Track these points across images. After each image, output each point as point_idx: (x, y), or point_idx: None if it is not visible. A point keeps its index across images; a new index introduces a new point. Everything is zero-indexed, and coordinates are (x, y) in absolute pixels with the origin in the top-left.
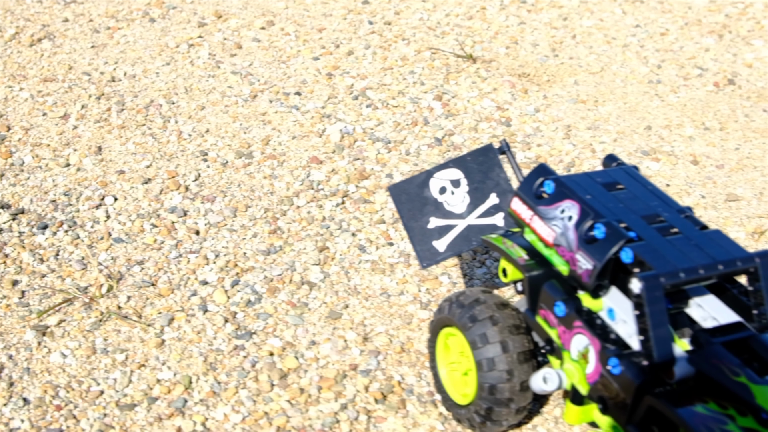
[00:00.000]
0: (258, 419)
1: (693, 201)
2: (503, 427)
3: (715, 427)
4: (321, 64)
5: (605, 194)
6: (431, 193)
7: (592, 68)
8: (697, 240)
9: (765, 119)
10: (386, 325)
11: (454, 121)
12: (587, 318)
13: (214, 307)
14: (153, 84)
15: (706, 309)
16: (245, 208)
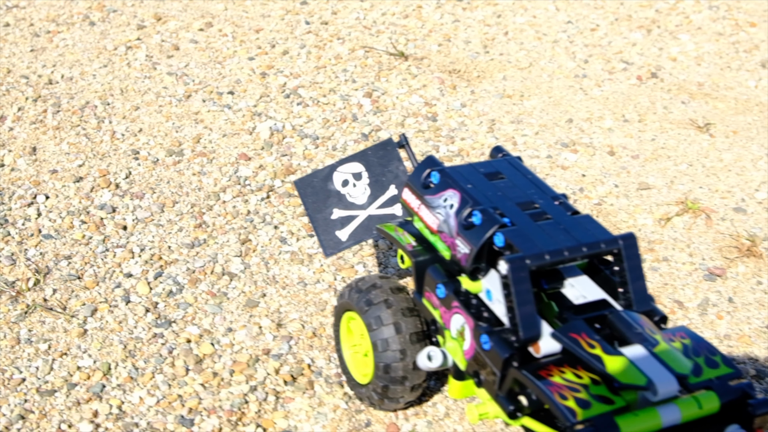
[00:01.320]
0: (171, 402)
1: (606, 190)
2: (400, 404)
3: (568, 394)
4: (256, 64)
5: (486, 183)
6: (334, 185)
7: (521, 64)
8: (566, 225)
9: (682, 111)
10: (300, 312)
11: (382, 117)
12: (464, 299)
13: (137, 298)
14: (89, 86)
15: (578, 288)
16: (173, 203)
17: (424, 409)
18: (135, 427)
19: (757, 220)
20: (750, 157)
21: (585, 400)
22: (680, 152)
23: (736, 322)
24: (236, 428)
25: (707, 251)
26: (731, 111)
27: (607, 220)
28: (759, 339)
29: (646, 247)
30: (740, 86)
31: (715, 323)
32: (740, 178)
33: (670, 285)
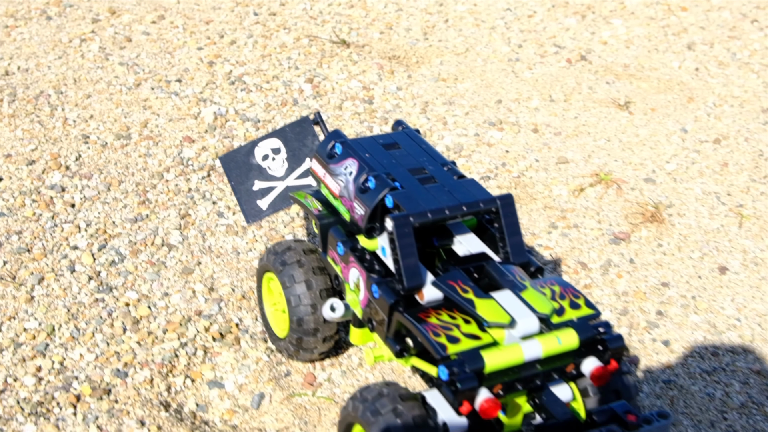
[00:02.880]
0: (109, 357)
1: (527, 164)
2: (314, 354)
3: (441, 332)
4: (204, 54)
5: (383, 153)
6: (256, 160)
7: (458, 49)
8: (450, 187)
9: (606, 91)
10: (232, 277)
11: (321, 101)
12: (359, 254)
13: (81, 267)
14: (44, 76)
15: (464, 244)
16: (119, 183)
17: (339, 360)
18: (75, 379)
19: (664, 189)
20: (665, 132)
21: (455, 337)
22: (600, 129)
23: (634, 281)
24: (167, 379)
25: (615, 218)
26: (653, 90)
27: (525, 191)
28: (653, 295)
29: (559, 216)
30: (664, 67)
31: (615, 281)
32: (653, 151)
33: (578, 249)
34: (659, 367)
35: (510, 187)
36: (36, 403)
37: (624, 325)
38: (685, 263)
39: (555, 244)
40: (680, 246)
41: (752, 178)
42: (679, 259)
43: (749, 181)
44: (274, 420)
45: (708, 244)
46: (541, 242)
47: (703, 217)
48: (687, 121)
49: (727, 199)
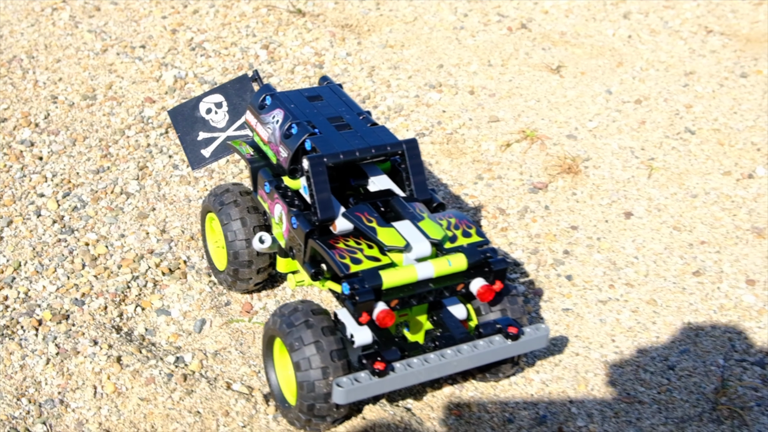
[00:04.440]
0: (68, 288)
1: (460, 122)
2: (250, 284)
3: (346, 255)
4: (168, 22)
5: (307, 104)
6: (200, 113)
7: (407, 18)
8: (363, 133)
9: (541, 56)
10: (183, 221)
11: (275, 66)
12: (283, 192)
13: (46, 212)
14: (17, 42)
15: (377, 184)
16: (83, 139)
17: (274, 291)
18: (37, 307)
19: (584, 144)
20: (591, 94)
21: (358, 258)
22: (531, 91)
23: (547, 224)
24: (119, 307)
25: (536, 170)
26: (585, 56)
27: (456, 147)
28: (562, 237)
29: (486, 168)
30: (599, 34)
31: (530, 225)
32: (578, 111)
33: (499, 197)
34: (560, 298)
35: (442, 142)
36: (2, 327)
37: (533, 262)
38: (594, 209)
39: (480, 194)
40: (592, 194)
41: (666, 134)
42: (590, 206)
43: (663, 137)
44: (213, 342)
45: (617, 193)
46: (467, 191)
47: (617, 169)
48: (613, 84)
49: (641, 153)
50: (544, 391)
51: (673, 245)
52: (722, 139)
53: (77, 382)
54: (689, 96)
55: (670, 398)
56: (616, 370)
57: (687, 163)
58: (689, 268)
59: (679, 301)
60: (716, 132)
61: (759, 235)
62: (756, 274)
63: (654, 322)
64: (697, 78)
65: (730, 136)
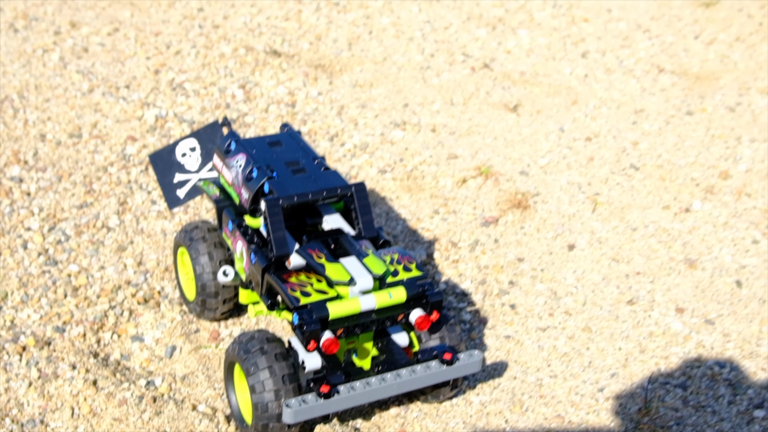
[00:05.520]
0: (51, 317)
1: (421, 159)
2: (217, 313)
3: (297, 288)
4: (151, 63)
5: (267, 150)
6: (176, 157)
7: (376, 59)
8: (316, 177)
9: (501, 95)
10: (158, 254)
11: (250, 105)
12: (244, 230)
13: (33, 245)
14: (9, 83)
15: (329, 222)
16: (69, 175)
17: (240, 319)
18: (22, 334)
19: (535, 180)
20: (544, 132)
21: (308, 292)
22: (489, 129)
23: (495, 257)
24: (97, 334)
25: (488, 205)
26: (543, 94)
27: (415, 183)
28: (509, 268)
29: (442, 203)
30: (557, 73)
31: (479, 257)
32: (531, 148)
33: (453, 231)
34: (503, 326)
35: (403, 179)
36: None
37: (480, 292)
38: (540, 242)
39: (435, 227)
40: (539, 228)
41: (612, 170)
42: (536, 239)
43: (609, 173)
44: (182, 367)
45: (563, 226)
46: (424, 225)
47: (563, 203)
48: (566, 122)
49: (587, 188)
50: (483, 412)
51: (611, 276)
52: (664, 174)
53: (56, 403)
54: (637, 133)
55: (598, 419)
56: (550, 393)
57: (629, 197)
58: (624, 297)
59: (613, 329)
60: (659, 168)
61: (691, 266)
62: (685, 303)
63: (588, 348)
64: (646, 116)
65: (672, 172)
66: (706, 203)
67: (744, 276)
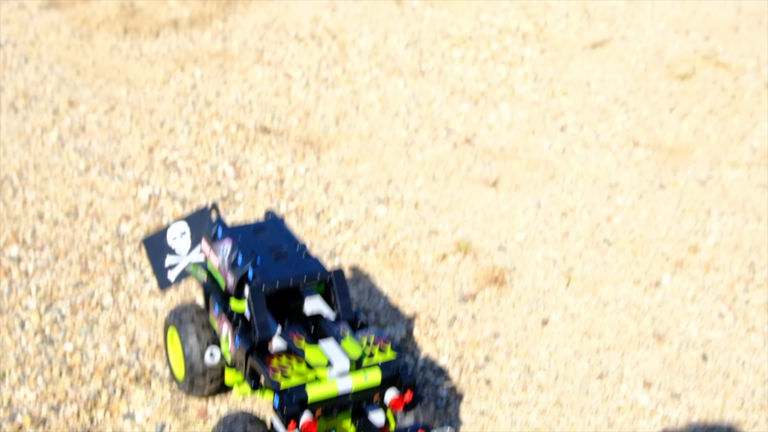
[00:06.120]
0: (47, 396)
1: (403, 236)
2: (205, 392)
3: (279, 372)
4: (146, 141)
5: (252, 236)
6: (168, 241)
7: (363, 134)
8: (297, 263)
9: (481, 171)
10: (150, 332)
11: (240, 182)
12: (229, 314)
13: (30, 325)
14: (9, 163)
15: (310, 306)
16: (65, 254)
17: (227, 397)
18: (19, 413)
19: (511, 256)
20: (522, 207)
21: (288, 375)
22: (469, 204)
23: (472, 332)
24: (90, 413)
25: (467, 281)
26: (522, 169)
27: (397, 259)
28: (485, 344)
29: (422, 279)
30: (536, 148)
31: (457, 333)
32: (509, 223)
33: (432, 307)
34: (479, 401)
35: (385, 255)
36: None
37: (457, 368)
38: (515, 318)
39: (415, 303)
40: (515, 303)
41: (586, 245)
42: (512, 314)
43: (583, 248)
44: None
45: (537, 302)
46: (404, 301)
47: (539, 279)
48: (543, 197)
49: (562, 263)
50: None
51: (582, 350)
52: (636, 249)
53: None
54: (611, 208)
55: None
56: None
57: (602, 272)
58: (594, 372)
59: (583, 403)
60: (631, 242)
61: (659, 340)
62: (653, 377)
63: (559, 422)
64: (620, 190)
65: (644, 246)
66: (676, 277)
67: (710, 349)
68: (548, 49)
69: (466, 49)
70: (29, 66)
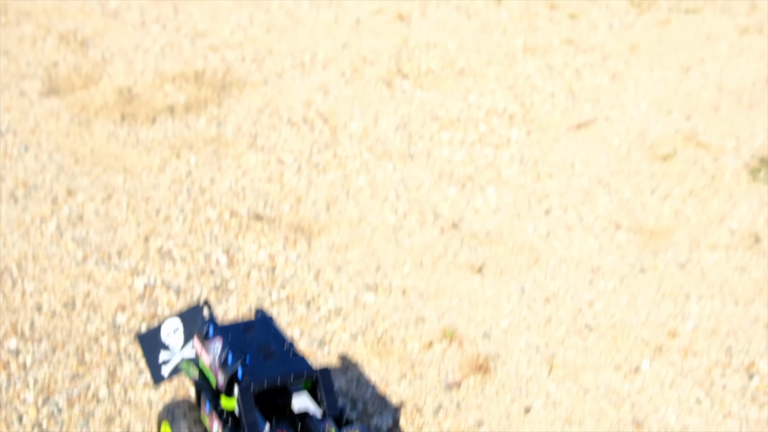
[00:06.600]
0: None
1: (390, 323)
2: None
3: None
4: (141, 229)
5: (241, 335)
6: (161, 337)
7: (352, 220)
8: (284, 362)
9: (467, 256)
10: (144, 423)
11: (233, 271)
12: (219, 411)
13: (27, 418)
14: (9, 254)
15: (298, 402)
16: (63, 346)
17: None
18: None
19: (496, 343)
20: (506, 293)
21: None
22: (455, 290)
23: (457, 421)
24: None
25: (452, 368)
26: (507, 254)
27: (384, 347)
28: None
29: (409, 367)
30: (521, 232)
31: (442, 421)
32: (494, 310)
33: (418, 395)
34: None
35: (374, 343)
36: None
37: None
38: (499, 406)
39: (402, 392)
40: (498, 391)
41: (568, 331)
42: (495, 402)
43: (565, 334)
44: None
45: (520, 390)
46: (391, 390)
47: (522, 366)
48: (527, 282)
49: (544, 350)
50: None
51: None
52: (616, 334)
53: None
54: (593, 293)
55: None
56: None
57: (583, 358)
58: None
59: None
60: (612, 328)
61: (638, 427)
62: None
63: None
64: (602, 274)
65: (624, 332)
66: (655, 362)
67: None
68: (534, 130)
69: (454, 131)
70: (29, 154)
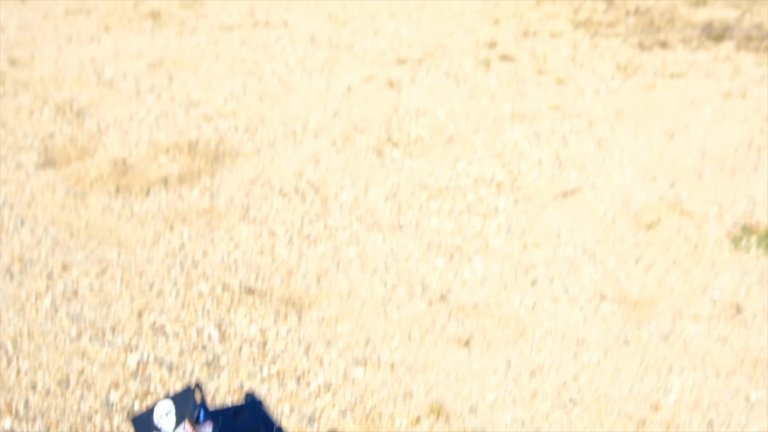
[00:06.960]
0: None
1: (379, 399)
2: None
3: None
4: (135, 305)
5: (231, 419)
6: (154, 419)
7: (342, 293)
8: None
9: (454, 329)
10: None
11: (225, 346)
12: None
13: None
14: (5, 331)
15: None
16: (57, 425)
17: None
18: None
19: (482, 418)
20: (493, 367)
21: None
22: (443, 364)
23: None
24: None
25: None
26: (493, 326)
27: (373, 424)
28: None
29: None
30: (507, 304)
31: None
32: (480, 384)
33: None
34: None
35: (362, 419)
36: None
37: None
38: None
39: None
40: None
41: (553, 405)
42: None
43: (550, 408)
44: None
45: None
46: None
47: None
48: (513, 355)
49: (530, 425)
50: None
51: None
52: (600, 408)
53: None
54: (577, 366)
55: None
56: None
57: None
58: None
59: None
60: (596, 401)
61: None
62: None
63: None
64: (587, 347)
65: (608, 405)
66: None
67: None
68: (521, 198)
69: (442, 200)
70: (25, 228)
